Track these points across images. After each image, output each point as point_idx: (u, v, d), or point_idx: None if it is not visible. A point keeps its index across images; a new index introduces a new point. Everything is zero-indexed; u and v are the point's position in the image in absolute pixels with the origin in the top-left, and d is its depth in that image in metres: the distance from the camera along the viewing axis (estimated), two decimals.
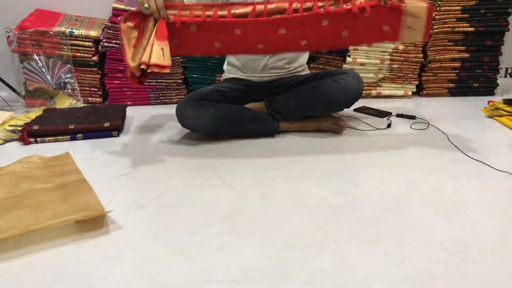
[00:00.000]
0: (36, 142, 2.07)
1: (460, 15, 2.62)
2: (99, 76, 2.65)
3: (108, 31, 2.54)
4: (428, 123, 2.20)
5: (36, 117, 2.26)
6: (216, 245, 1.29)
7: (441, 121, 2.24)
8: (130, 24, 1.72)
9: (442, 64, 2.70)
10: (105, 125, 2.13)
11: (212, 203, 1.52)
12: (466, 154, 1.85)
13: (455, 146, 1.94)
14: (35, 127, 2.08)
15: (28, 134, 2.07)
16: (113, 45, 2.55)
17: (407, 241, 1.29)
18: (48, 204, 1.44)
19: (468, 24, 2.63)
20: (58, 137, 2.09)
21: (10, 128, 2.18)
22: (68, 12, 2.78)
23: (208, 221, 1.41)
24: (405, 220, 1.40)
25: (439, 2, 2.62)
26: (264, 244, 1.29)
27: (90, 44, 2.59)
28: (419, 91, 2.79)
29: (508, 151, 1.95)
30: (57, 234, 1.34)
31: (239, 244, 1.29)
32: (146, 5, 1.67)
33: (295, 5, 1.71)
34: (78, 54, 2.60)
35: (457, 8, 2.62)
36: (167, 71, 1.67)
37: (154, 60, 1.65)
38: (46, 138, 2.08)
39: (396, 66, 2.69)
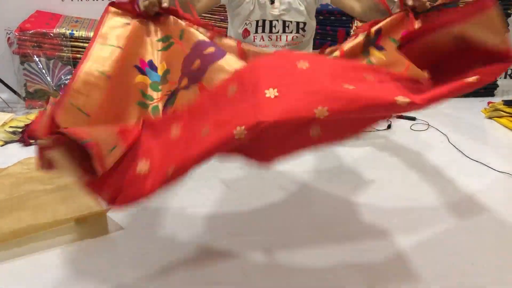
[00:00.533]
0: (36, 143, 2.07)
1: None
2: None
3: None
4: (428, 124, 2.20)
5: None
6: (218, 247, 1.29)
7: (441, 122, 2.24)
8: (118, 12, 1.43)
9: None
10: None
11: (212, 205, 1.52)
12: (466, 155, 1.86)
13: (455, 147, 1.94)
14: None
15: (28, 135, 2.07)
16: None
17: (407, 242, 1.29)
18: (49, 205, 1.44)
19: None
20: None
21: (11, 129, 2.18)
22: (69, 14, 2.79)
23: (209, 223, 1.41)
24: (406, 221, 1.40)
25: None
26: (265, 247, 1.29)
27: None
28: None
29: (508, 152, 1.95)
30: (58, 235, 1.34)
31: (241, 247, 1.29)
32: None
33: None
34: (79, 56, 2.60)
35: None
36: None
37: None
38: None
39: None
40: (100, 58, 1.37)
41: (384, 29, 1.48)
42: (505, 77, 3.05)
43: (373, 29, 1.47)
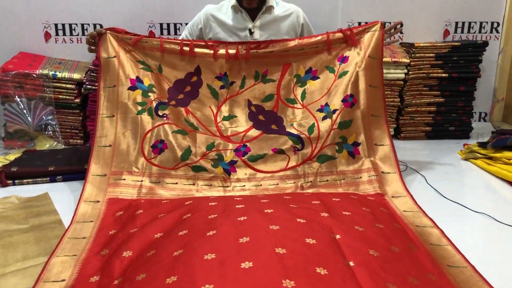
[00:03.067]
0: (14, 184, 2.03)
1: (434, 62, 2.73)
2: (80, 118, 2.66)
3: (92, 74, 2.57)
4: (406, 166, 2.24)
5: (15, 158, 2.24)
6: None
7: (419, 164, 2.28)
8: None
9: (419, 108, 2.78)
10: (86, 167, 2.11)
11: None
12: (443, 196, 1.88)
13: (433, 188, 1.97)
14: (14, 169, 2.05)
15: (6, 176, 2.03)
16: (96, 87, 2.56)
17: None
18: (21, 245, 1.42)
19: (442, 70, 2.74)
20: (37, 179, 2.06)
21: None
22: (52, 55, 2.81)
23: None
24: None
25: (413, 49, 2.73)
26: None
27: (73, 86, 2.61)
28: (397, 134, 2.85)
29: (484, 192, 1.99)
30: (27, 276, 1.29)
31: None
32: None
33: None
34: (61, 96, 2.61)
35: (431, 55, 2.73)
36: None
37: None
38: (25, 180, 2.04)
39: None
40: (106, 104, 1.97)
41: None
42: (479, 120, 3.15)
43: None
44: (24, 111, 2.57)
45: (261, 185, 1.93)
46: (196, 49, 2.03)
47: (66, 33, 2.84)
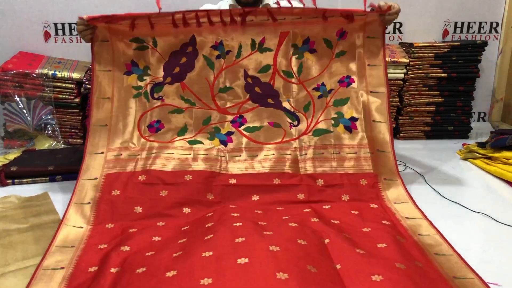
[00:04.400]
0: (13, 183, 2.04)
1: (433, 62, 2.73)
2: (80, 117, 2.66)
3: (91, 73, 2.57)
4: (405, 165, 2.24)
5: (15, 158, 2.24)
6: None
7: (418, 163, 2.29)
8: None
9: (418, 108, 2.79)
10: None
11: None
12: (442, 196, 1.89)
13: (432, 188, 1.97)
14: (13, 169, 2.06)
15: (5, 175, 2.04)
16: None
17: None
18: (20, 244, 1.42)
19: (441, 70, 2.74)
20: (36, 179, 2.06)
21: None
22: (52, 55, 2.81)
23: None
24: None
25: (413, 49, 2.74)
26: None
27: (73, 86, 2.61)
28: (396, 134, 2.85)
29: (483, 192, 2.00)
30: (27, 275, 1.28)
31: None
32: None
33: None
34: (60, 96, 2.61)
35: (431, 55, 2.73)
36: None
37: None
38: (24, 180, 2.05)
39: None
40: (101, 86, 1.95)
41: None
42: (478, 120, 3.15)
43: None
44: (24, 110, 2.57)
45: (257, 155, 1.95)
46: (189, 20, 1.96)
47: (66, 32, 2.84)
